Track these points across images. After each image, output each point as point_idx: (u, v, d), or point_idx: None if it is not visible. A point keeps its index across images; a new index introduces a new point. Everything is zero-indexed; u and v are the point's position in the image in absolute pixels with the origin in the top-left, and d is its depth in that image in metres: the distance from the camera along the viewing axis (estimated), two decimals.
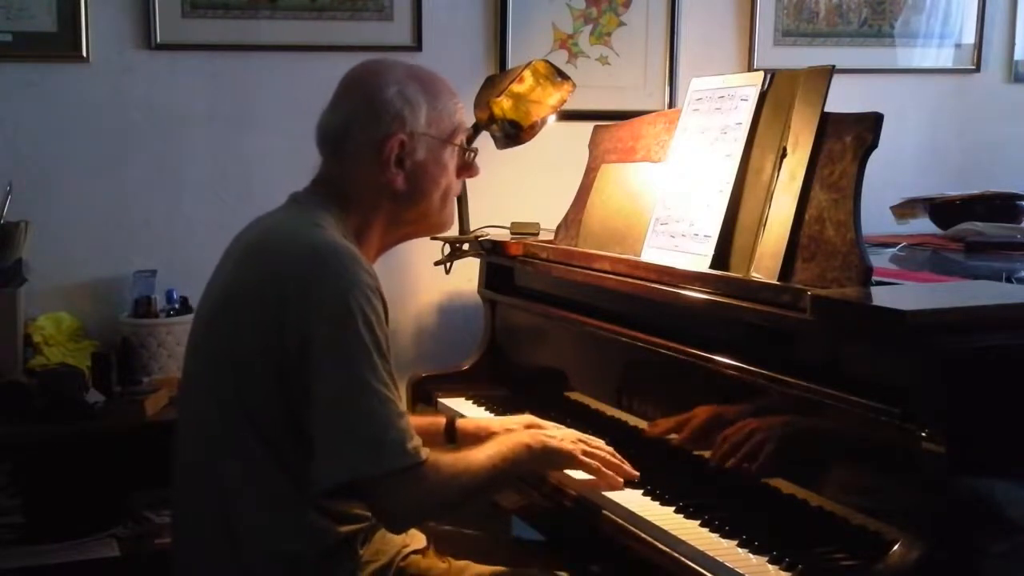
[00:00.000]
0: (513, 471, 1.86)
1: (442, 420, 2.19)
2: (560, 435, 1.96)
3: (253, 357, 1.68)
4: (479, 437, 2.09)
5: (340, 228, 1.79)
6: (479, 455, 1.79)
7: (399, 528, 1.80)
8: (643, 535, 1.74)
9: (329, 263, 1.67)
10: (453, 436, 2.16)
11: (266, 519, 1.70)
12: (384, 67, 1.88)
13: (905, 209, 2.98)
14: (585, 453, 1.91)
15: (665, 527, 1.72)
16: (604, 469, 1.91)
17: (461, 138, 1.91)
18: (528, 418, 2.15)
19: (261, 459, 1.69)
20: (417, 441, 1.67)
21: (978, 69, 3.50)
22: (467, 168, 1.95)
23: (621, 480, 1.91)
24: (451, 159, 1.89)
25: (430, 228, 1.95)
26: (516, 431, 2.00)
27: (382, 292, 1.71)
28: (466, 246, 2.64)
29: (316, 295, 1.64)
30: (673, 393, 2.00)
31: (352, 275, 1.66)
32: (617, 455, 1.94)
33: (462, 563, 1.94)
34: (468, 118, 1.94)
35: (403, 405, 1.69)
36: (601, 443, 1.96)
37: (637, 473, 1.92)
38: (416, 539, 1.92)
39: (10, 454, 2.48)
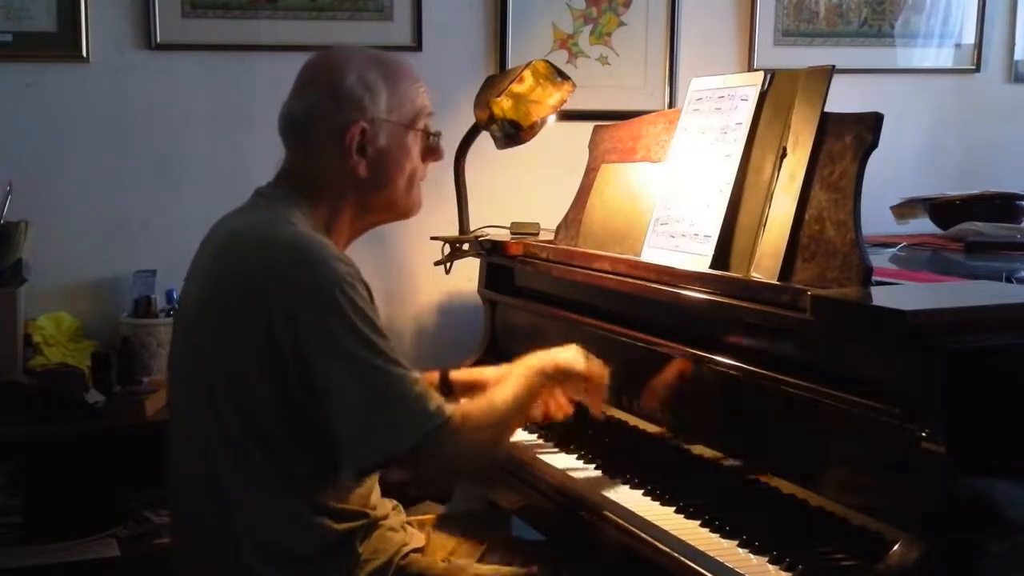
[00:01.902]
0: (536, 398, 1.92)
1: (435, 375, 2.22)
2: (565, 351, 1.98)
3: (242, 357, 1.68)
4: (474, 386, 2.15)
5: (309, 221, 1.79)
6: (503, 393, 1.82)
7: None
8: (643, 535, 1.74)
9: (305, 260, 1.67)
10: (449, 388, 2.19)
11: (263, 518, 1.70)
12: (343, 55, 1.87)
13: (905, 209, 2.98)
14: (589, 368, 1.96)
15: (665, 527, 1.73)
16: (602, 383, 1.98)
17: (424, 122, 1.89)
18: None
19: (254, 458, 1.69)
20: (438, 400, 1.69)
21: (978, 69, 3.50)
22: (432, 152, 1.93)
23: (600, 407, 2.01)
24: (415, 144, 1.88)
25: (398, 214, 1.94)
26: (526, 361, 1.98)
27: (362, 277, 1.72)
28: (466, 246, 2.63)
29: (297, 295, 1.64)
30: (673, 393, 2.00)
31: (329, 269, 1.67)
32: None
33: (462, 562, 1.94)
34: (428, 102, 1.91)
35: (415, 372, 1.70)
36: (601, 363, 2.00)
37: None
38: (415, 538, 1.93)
39: (10, 454, 2.48)
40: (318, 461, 1.71)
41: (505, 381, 1.88)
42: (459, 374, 2.25)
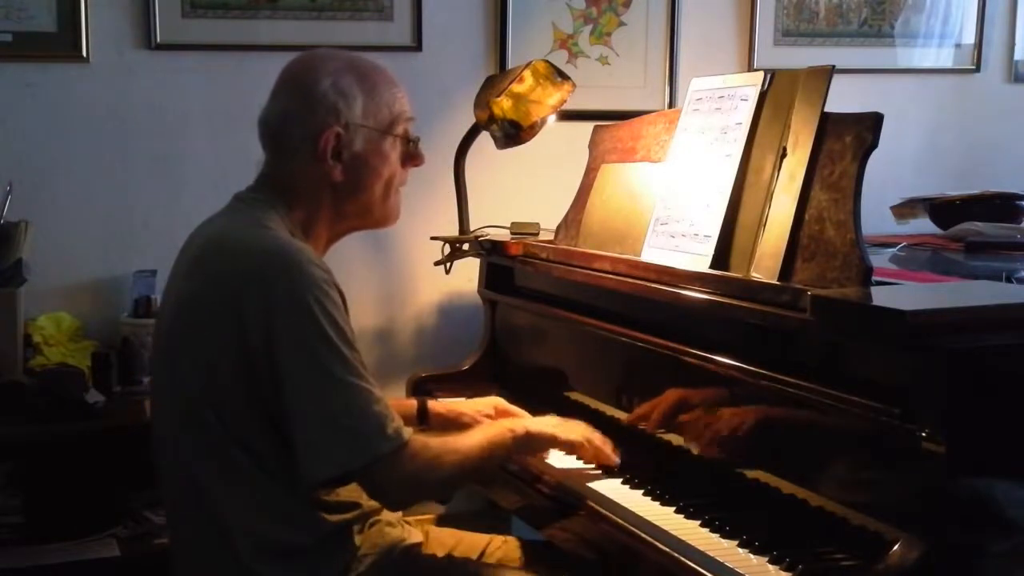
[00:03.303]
0: (499, 456, 1.90)
1: (414, 403, 2.22)
2: (540, 419, 2.03)
3: (218, 361, 1.68)
4: (450, 418, 2.18)
5: (287, 225, 1.79)
6: (467, 440, 1.82)
7: (396, 507, 1.84)
8: (643, 535, 1.74)
9: (280, 265, 1.67)
10: (425, 417, 2.19)
11: (253, 516, 1.71)
12: (320, 59, 1.86)
13: (905, 209, 2.98)
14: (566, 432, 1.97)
15: (665, 527, 1.73)
16: (586, 444, 1.98)
17: (402, 128, 1.88)
18: (496, 400, 2.22)
19: (235, 457, 1.69)
20: (397, 423, 1.68)
21: (978, 69, 3.50)
22: (411, 158, 1.92)
23: (608, 453, 1.98)
24: (392, 150, 1.87)
25: (375, 220, 1.93)
26: (500, 420, 2.06)
27: (337, 283, 1.72)
28: (466, 246, 2.64)
29: (272, 298, 1.65)
30: (673, 393, 2.00)
31: (304, 273, 1.66)
32: (599, 435, 2.00)
33: (461, 559, 1.95)
34: (408, 107, 1.90)
35: (378, 390, 1.69)
36: (582, 424, 2.00)
37: (617, 460, 1.98)
38: (413, 534, 1.93)
39: (10, 454, 2.48)
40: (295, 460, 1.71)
41: (476, 429, 1.90)
42: (437, 404, 2.24)
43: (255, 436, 1.69)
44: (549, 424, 2.00)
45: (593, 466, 2.02)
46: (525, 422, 1.99)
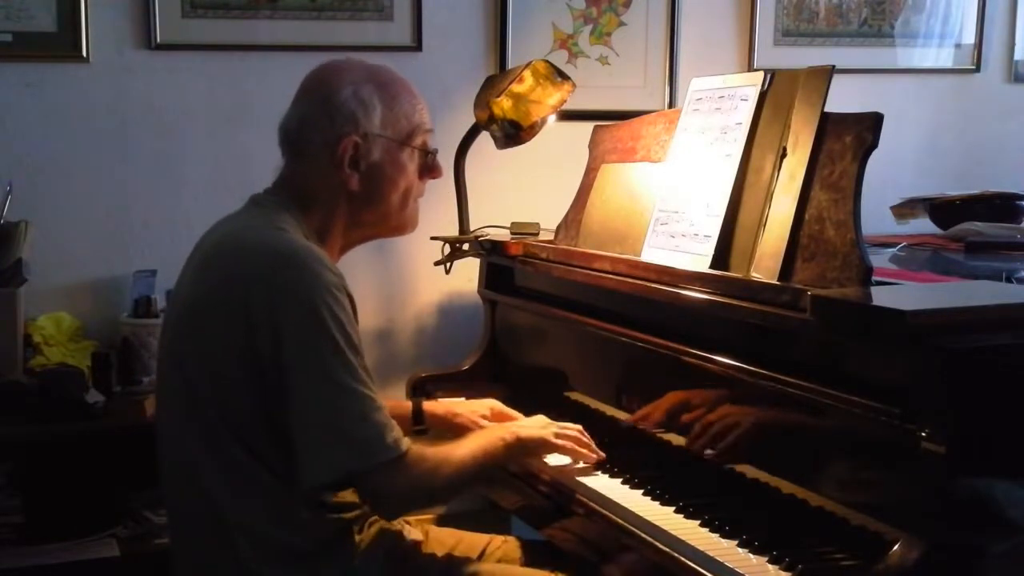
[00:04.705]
0: (492, 464, 1.91)
1: (409, 404, 2.23)
2: (530, 423, 2.03)
3: (225, 361, 1.68)
4: (446, 420, 2.18)
5: (301, 229, 1.79)
6: (460, 449, 1.82)
7: (390, 516, 1.83)
8: (643, 535, 1.74)
9: (292, 265, 1.67)
10: (421, 419, 2.20)
11: (254, 516, 1.71)
12: (342, 67, 1.87)
13: (905, 209, 2.98)
14: (556, 435, 1.98)
15: (665, 527, 1.73)
16: (578, 448, 2.00)
17: (421, 139, 1.89)
18: (491, 401, 2.22)
19: (238, 458, 1.69)
20: (397, 433, 1.68)
21: (978, 69, 3.50)
22: (429, 170, 1.92)
23: (594, 457, 2.01)
24: (410, 161, 1.87)
25: (391, 229, 1.94)
26: (491, 427, 2.05)
27: (348, 288, 1.72)
28: (466, 246, 2.64)
29: (282, 299, 1.65)
30: (673, 393, 2.00)
31: (315, 276, 1.66)
32: (586, 434, 2.03)
33: (461, 559, 1.95)
34: (428, 119, 1.90)
35: (380, 399, 1.69)
36: (571, 425, 2.03)
37: (604, 455, 2.02)
38: (413, 534, 1.93)
39: (10, 454, 2.48)
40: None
41: (469, 437, 1.90)
42: (432, 405, 2.24)
43: (257, 436, 1.69)
44: (538, 427, 2.00)
45: (592, 465, 2.02)
46: (516, 429, 1.97)
